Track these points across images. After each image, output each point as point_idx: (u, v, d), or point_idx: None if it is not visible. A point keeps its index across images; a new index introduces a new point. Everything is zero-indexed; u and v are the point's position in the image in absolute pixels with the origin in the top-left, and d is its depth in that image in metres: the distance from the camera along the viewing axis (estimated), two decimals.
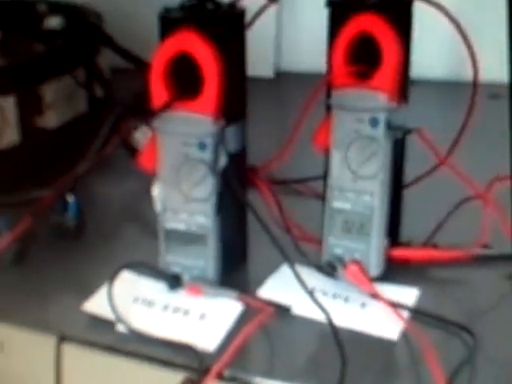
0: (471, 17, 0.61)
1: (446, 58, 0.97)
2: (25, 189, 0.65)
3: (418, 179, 0.61)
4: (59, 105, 0.73)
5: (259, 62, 1.04)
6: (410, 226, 0.59)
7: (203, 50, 0.46)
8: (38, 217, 0.58)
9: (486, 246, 0.56)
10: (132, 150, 0.69)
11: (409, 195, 0.59)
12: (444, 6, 0.53)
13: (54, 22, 0.75)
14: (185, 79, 0.48)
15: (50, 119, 0.72)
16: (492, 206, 0.56)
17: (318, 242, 0.55)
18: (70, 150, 0.70)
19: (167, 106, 0.48)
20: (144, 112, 0.51)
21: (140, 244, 0.61)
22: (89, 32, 0.78)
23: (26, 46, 0.71)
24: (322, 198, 0.55)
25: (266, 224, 0.50)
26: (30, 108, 0.70)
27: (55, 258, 0.60)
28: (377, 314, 0.51)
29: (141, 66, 0.76)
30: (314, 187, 0.65)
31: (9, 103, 0.68)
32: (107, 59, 0.85)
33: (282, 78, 1.07)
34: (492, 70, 0.66)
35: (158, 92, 0.48)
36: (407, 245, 0.57)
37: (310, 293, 0.49)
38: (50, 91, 0.71)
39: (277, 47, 1.06)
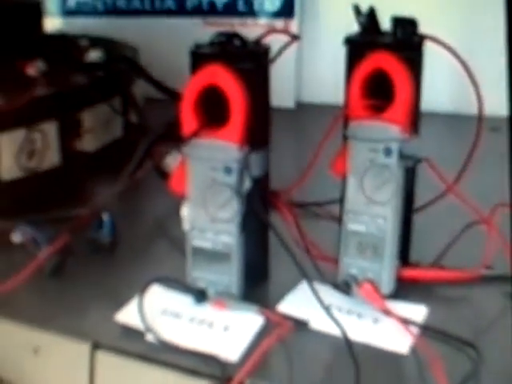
0: (473, 52, 0.61)
1: (451, 92, 0.97)
2: (64, 207, 0.65)
3: (427, 204, 0.60)
4: (97, 130, 0.73)
5: (281, 93, 1.04)
6: (420, 248, 0.59)
7: (230, 84, 0.47)
8: (75, 233, 0.59)
9: (489, 267, 0.56)
10: (163, 173, 0.69)
11: (419, 219, 0.59)
12: (452, 47, 0.53)
13: (94, 55, 0.76)
14: (213, 109, 0.48)
15: (89, 143, 0.73)
16: (495, 230, 0.56)
17: (335, 261, 0.55)
18: (106, 172, 0.70)
19: (196, 134, 0.48)
20: (175, 139, 0.51)
21: (169, 259, 0.60)
22: (125, 65, 0.78)
23: (68, 77, 0.72)
24: (338, 220, 0.55)
25: (286, 243, 0.50)
26: (70, 132, 0.71)
27: (91, 271, 0.60)
28: (388, 329, 0.50)
29: (172, 96, 0.76)
30: (331, 210, 0.65)
31: (51, 128, 0.69)
32: (141, 89, 0.86)
33: (303, 108, 1.07)
34: (492, 104, 0.65)
35: (188, 121, 0.48)
36: (416, 265, 0.56)
37: (327, 309, 0.49)
38: (88, 117, 0.72)
39: (297, 79, 1.06)
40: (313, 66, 1.05)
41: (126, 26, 1.10)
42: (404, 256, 0.56)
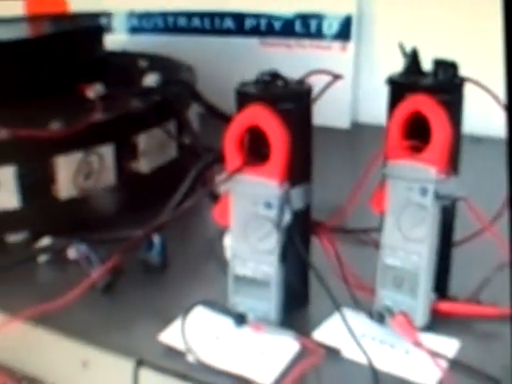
0: None
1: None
2: (118, 227, 0.71)
3: (466, 240, 0.63)
4: (152, 152, 0.79)
5: (336, 113, 1.09)
6: (460, 281, 0.62)
7: (272, 125, 0.51)
8: (127, 253, 0.65)
9: None
10: (214, 197, 0.74)
11: (461, 251, 0.62)
12: (492, 90, 0.56)
13: (151, 79, 0.82)
14: (256, 146, 0.53)
15: (144, 165, 0.79)
16: None
17: (372, 290, 0.59)
18: (160, 193, 0.76)
19: (239, 170, 0.53)
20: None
21: (216, 281, 0.64)
22: (181, 88, 0.84)
23: (126, 102, 0.78)
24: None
25: (321, 276, 0.55)
26: (126, 154, 0.77)
27: (140, 290, 0.66)
28: (418, 361, 0.54)
29: (226, 121, 0.81)
30: (375, 237, 0.69)
31: (108, 151, 0.75)
32: (197, 109, 0.91)
33: (358, 128, 1.11)
34: None
35: (232, 158, 0.53)
36: (453, 299, 0.60)
37: (356, 339, 0.53)
38: (144, 140, 0.78)
39: (354, 100, 1.10)
40: (369, 86, 1.09)
41: (186, 44, 1.16)
42: (442, 289, 0.60)
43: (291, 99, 0.54)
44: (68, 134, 0.70)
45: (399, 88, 0.57)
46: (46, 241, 0.70)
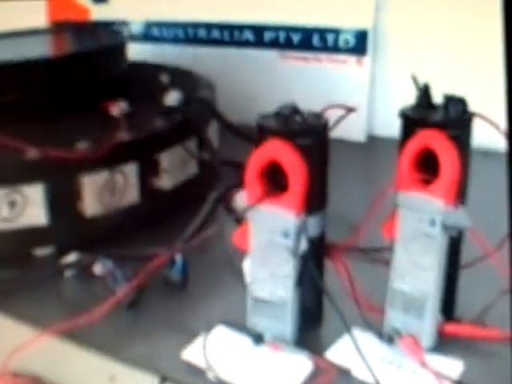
0: None
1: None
2: (142, 242, 0.76)
3: (471, 264, 0.67)
4: (173, 169, 0.84)
5: (351, 126, 1.12)
6: (466, 302, 0.66)
7: (291, 160, 0.56)
8: (151, 273, 0.69)
9: None
10: (235, 215, 0.78)
11: (468, 273, 0.66)
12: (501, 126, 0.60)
13: (173, 97, 0.86)
14: (275, 178, 0.58)
15: (166, 181, 0.83)
16: None
17: (382, 311, 0.64)
18: (181, 207, 0.81)
19: (259, 202, 0.57)
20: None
21: (235, 299, 0.68)
22: (202, 108, 0.89)
23: (149, 121, 0.82)
24: None
25: (334, 300, 0.59)
26: (148, 172, 0.82)
27: (163, 307, 0.70)
28: (424, 381, 0.58)
29: (246, 139, 0.86)
30: (386, 257, 0.73)
31: (131, 169, 0.80)
32: (217, 126, 0.96)
33: (374, 142, 1.14)
34: None
35: (252, 189, 0.58)
36: (459, 321, 0.64)
37: (365, 360, 0.58)
38: (166, 158, 0.83)
39: (369, 113, 1.14)
40: (385, 99, 1.12)
41: (205, 55, 1.20)
42: (448, 311, 0.64)
43: (309, 134, 0.58)
44: (95, 154, 0.74)
45: (411, 122, 0.61)
46: (72, 256, 0.75)
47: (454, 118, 0.60)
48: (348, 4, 1.09)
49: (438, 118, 0.60)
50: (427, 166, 0.59)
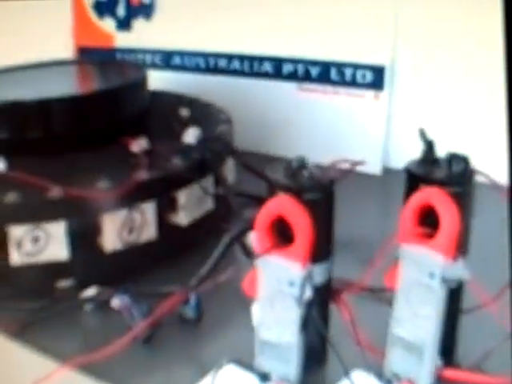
0: None
1: None
2: (159, 280, 0.81)
3: (471, 310, 0.71)
4: (190, 206, 0.89)
5: (368, 159, 1.17)
6: (466, 348, 0.71)
7: (296, 216, 0.60)
8: (167, 311, 0.74)
9: None
10: (247, 251, 0.83)
11: (467, 319, 0.71)
12: (500, 184, 0.64)
13: (191, 135, 0.91)
14: (282, 230, 0.62)
15: (182, 218, 0.88)
16: None
17: (383, 353, 0.68)
18: (197, 243, 0.86)
19: (267, 252, 0.62)
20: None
21: (247, 337, 0.70)
22: (220, 147, 0.94)
23: (167, 160, 0.88)
24: None
25: (335, 344, 0.64)
26: (166, 209, 0.87)
27: (177, 342, 0.75)
28: None
29: (262, 178, 0.90)
30: (390, 296, 0.77)
31: (149, 207, 0.84)
32: (234, 164, 1.01)
33: (390, 174, 1.18)
34: None
35: (261, 240, 0.63)
36: (458, 366, 0.68)
37: None
38: (183, 196, 0.88)
39: (385, 146, 1.19)
40: (401, 133, 1.17)
41: (225, 85, 1.25)
42: (448, 355, 0.68)
43: (316, 190, 0.63)
44: (115, 194, 0.80)
45: (414, 178, 0.65)
46: (92, 290, 0.80)
47: (456, 175, 0.65)
48: (366, 40, 1.14)
49: (441, 175, 0.64)
50: (429, 220, 0.63)
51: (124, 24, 1.36)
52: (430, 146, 0.67)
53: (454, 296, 0.67)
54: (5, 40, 1.44)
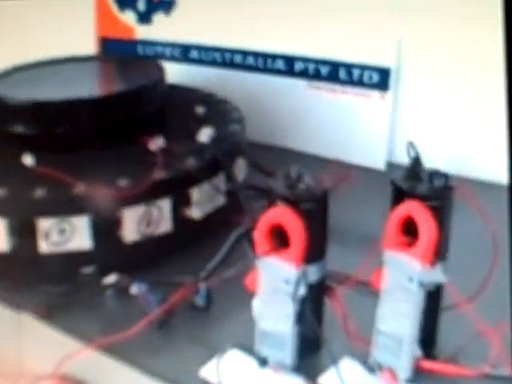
0: None
1: None
2: (173, 270, 0.92)
3: (450, 307, 0.82)
4: (203, 201, 1.00)
5: (372, 154, 1.27)
6: (445, 342, 0.81)
7: (292, 224, 0.71)
8: (179, 299, 0.86)
9: (496, 367, 0.78)
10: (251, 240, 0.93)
11: (448, 316, 0.81)
12: (480, 207, 0.74)
13: (205, 134, 1.02)
14: (280, 235, 0.73)
15: (196, 212, 0.99)
16: (498, 343, 0.77)
17: (370, 343, 0.79)
18: (210, 235, 0.97)
19: (266, 254, 0.73)
20: None
21: (251, 324, 0.81)
22: (232, 146, 1.05)
23: (182, 158, 0.98)
24: None
25: (326, 338, 0.76)
26: (180, 204, 0.98)
27: (188, 328, 0.87)
28: None
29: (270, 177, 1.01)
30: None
31: (165, 203, 0.96)
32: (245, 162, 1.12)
33: (394, 169, 1.25)
34: None
35: (261, 244, 0.74)
36: (435, 358, 0.79)
37: None
38: (196, 193, 0.99)
39: (390, 141, 1.28)
40: (405, 131, 1.26)
41: (240, 79, 1.36)
42: (428, 349, 0.79)
43: (312, 200, 0.74)
44: (133, 191, 0.91)
45: (400, 192, 0.76)
46: (112, 278, 0.92)
47: (436, 190, 0.75)
48: (373, 43, 1.23)
49: (423, 190, 0.75)
50: (410, 230, 0.74)
51: (144, 18, 1.46)
52: (416, 160, 0.77)
53: (435, 296, 0.77)
54: (30, 32, 1.55)
